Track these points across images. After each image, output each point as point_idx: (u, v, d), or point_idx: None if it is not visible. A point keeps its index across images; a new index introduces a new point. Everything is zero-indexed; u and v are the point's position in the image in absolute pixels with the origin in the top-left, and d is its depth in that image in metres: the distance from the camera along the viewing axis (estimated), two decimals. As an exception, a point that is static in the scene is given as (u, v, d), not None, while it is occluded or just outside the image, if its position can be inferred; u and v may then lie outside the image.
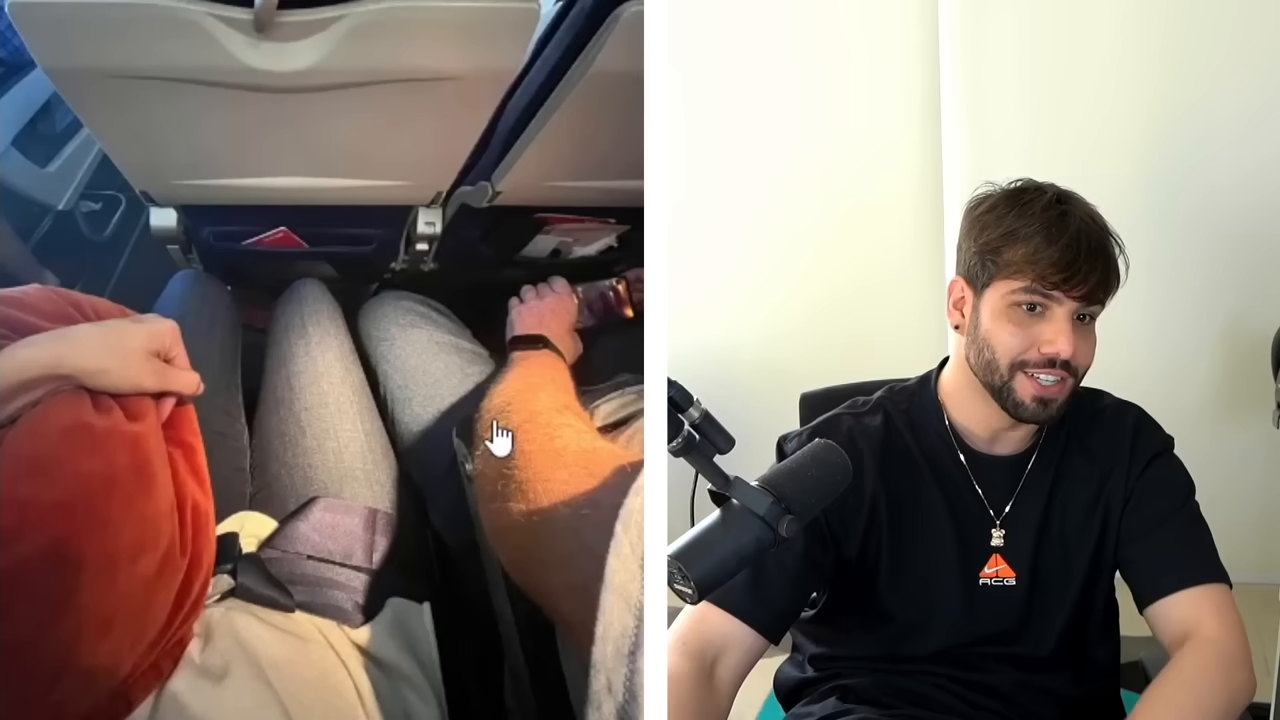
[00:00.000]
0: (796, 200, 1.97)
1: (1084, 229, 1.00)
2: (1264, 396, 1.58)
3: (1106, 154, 1.74)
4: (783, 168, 1.97)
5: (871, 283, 1.95)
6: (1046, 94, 1.76)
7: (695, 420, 0.79)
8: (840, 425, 1.10)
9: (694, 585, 0.76)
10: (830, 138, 1.93)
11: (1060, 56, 1.75)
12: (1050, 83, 1.76)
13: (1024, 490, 1.08)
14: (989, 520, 1.08)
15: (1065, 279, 0.98)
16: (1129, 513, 1.06)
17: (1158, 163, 1.73)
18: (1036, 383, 1.01)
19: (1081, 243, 0.99)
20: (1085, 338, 1.02)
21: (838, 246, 1.97)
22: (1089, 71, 1.73)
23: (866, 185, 1.93)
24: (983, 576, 1.07)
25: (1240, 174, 1.70)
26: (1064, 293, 0.99)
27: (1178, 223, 1.75)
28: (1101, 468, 1.08)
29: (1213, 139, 1.70)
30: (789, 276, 2.01)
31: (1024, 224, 1.01)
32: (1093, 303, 1.01)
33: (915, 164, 1.89)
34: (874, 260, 1.94)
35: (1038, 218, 1.00)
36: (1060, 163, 1.76)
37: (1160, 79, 1.70)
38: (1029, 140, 1.77)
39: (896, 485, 1.08)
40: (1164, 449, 1.10)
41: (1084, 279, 0.98)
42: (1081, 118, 1.75)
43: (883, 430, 1.09)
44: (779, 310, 2.03)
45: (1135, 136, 1.73)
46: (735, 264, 2.05)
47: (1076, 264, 0.98)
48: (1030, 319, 1.01)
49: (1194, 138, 1.70)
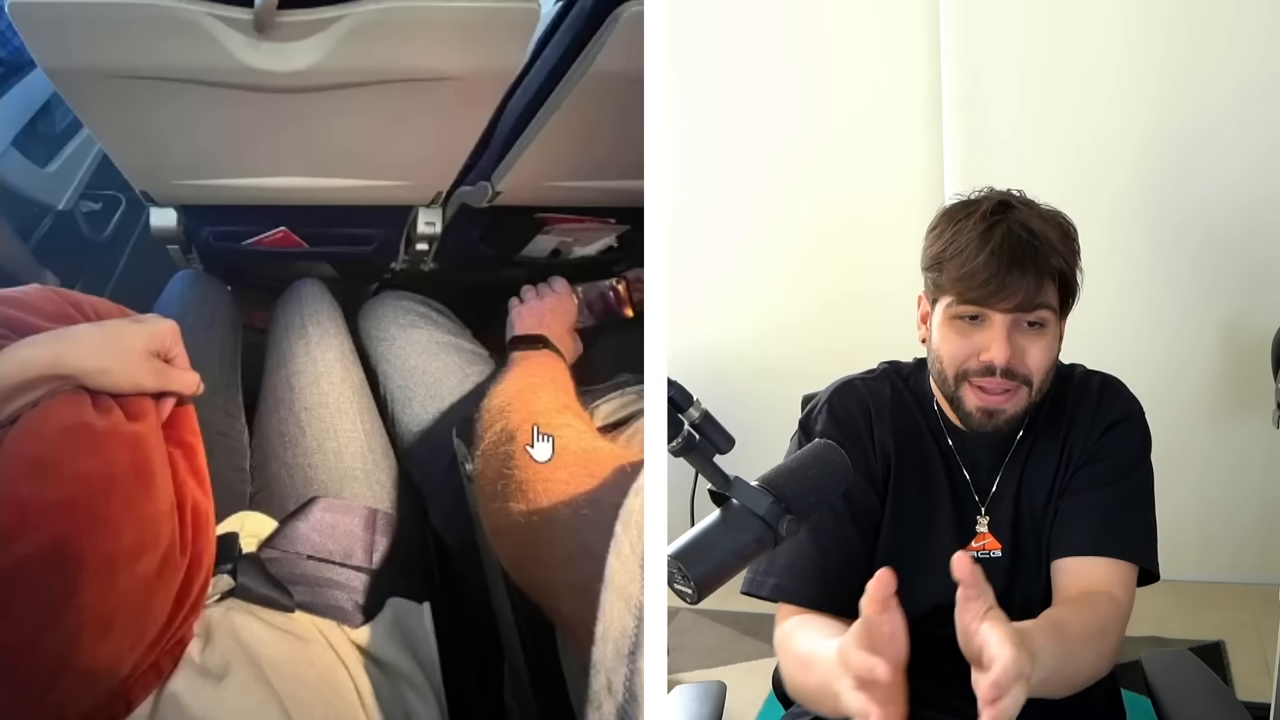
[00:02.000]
0: (796, 201, 1.98)
1: (1010, 241, 1.00)
2: (1264, 396, 1.58)
3: (1106, 155, 1.75)
4: (782, 168, 1.97)
5: (871, 282, 1.95)
6: (1046, 94, 1.76)
7: (695, 420, 0.79)
8: (854, 386, 1.14)
9: (694, 585, 0.76)
10: (830, 139, 1.93)
11: (1059, 59, 1.75)
12: (1050, 82, 1.76)
13: (1006, 467, 1.11)
14: (975, 499, 1.11)
15: (988, 295, 1.00)
16: (1078, 471, 1.08)
17: (1157, 164, 1.73)
18: (980, 393, 1.03)
19: (1004, 256, 0.99)
20: (1034, 343, 1.03)
21: (837, 246, 1.97)
22: (1088, 74, 1.74)
23: (866, 185, 1.93)
24: (971, 549, 1.09)
25: (1239, 174, 1.70)
26: (994, 307, 1.01)
27: (1177, 223, 1.75)
28: (1065, 431, 1.10)
29: (1211, 140, 1.70)
30: (788, 276, 2.02)
31: (954, 242, 1.03)
32: (1028, 311, 1.01)
33: (916, 165, 1.89)
34: (874, 260, 1.94)
35: (966, 234, 1.02)
36: (1060, 163, 1.76)
37: (1159, 81, 1.70)
38: (1029, 142, 1.77)
39: (903, 443, 1.11)
40: (1127, 416, 1.10)
41: (1010, 292, 0.99)
42: (1081, 119, 1.75)
43: (889, 393, 1.14)
44: (778, 310, 2.03)
45: (1135, 137, 1.73)
46: (735, 264, 2.05)
47: (997, 279, 0.99)
48: (971, 328, 1.03)
49: (1193, 139, 1.71)
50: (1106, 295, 1.78)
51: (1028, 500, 1.10)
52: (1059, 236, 1.03)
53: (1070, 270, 1.04)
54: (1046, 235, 1.02)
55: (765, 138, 1.97)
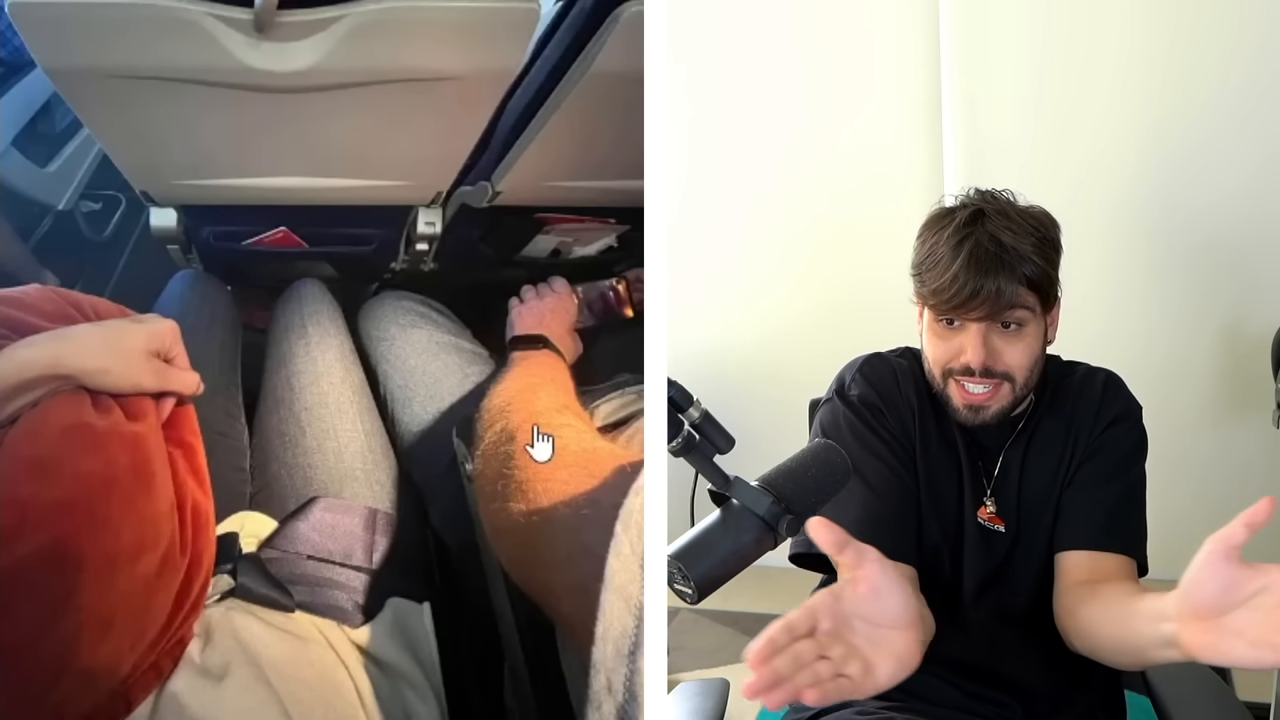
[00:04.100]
0: (796, 201, 1.98)
1: (977, 255, 1.04)
2: (1264, 396, 1.58)
3: (1106, 157, 1.75)
4: (783, 168, 1.97)
5: (871, 283, 1.94)
6: (1046, 96, 1.76)
7: (695, 420, 0.79)
8: (883, 357, 1.19)
9: (694, 585, 0.76)
10: (831, 140, 1.94)
11: (1060, 63, 1.75)
12: (1050, 87, 1.76)
13: (1008, 451, 1.14)
14: (983, 481, 1.14)
15: (957, 306, 1.05)
16: (1083, 464, 1.11)
17: (1157, 165, 1.73)
18: (965, 390, 1.08)
19: (972, 269, 1.03)
20: (1011, 343, 1.07)
21: (836, 246, 1.97)
22: (1088, 77, 1.74)
23: (867, 186, 1.93)
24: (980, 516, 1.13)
25: (1239, 175, 1.70)
26: (962, 317, 1.06)
27: (1176, 224, 1.75)
28: (1069, 423, 1.13)
29: (1212, 141, 1.70)
30: (788, 276, 2.02)
31: (930, 254, 1.08)
32: (1002, 313, 1.05)
33: (917, 168, 1.89)
34: (873, 260, 1.94)
35: (940, 246, 1.07)
36: (1060, 165, 1.76)
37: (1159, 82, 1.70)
38: (1029, 145, 1.77)
39: (925, 415, 1.14)
40: (1129, 413, 1.14)
41: (979, 303, 1.04)
42: (1080, 122, 1.75)
43: (910, 368, 1.17)
44: (778, 310, 2.03)
45: (1135, 139, 1.73)
46: (735, 264, 2.05)
47: (965, 291, 1.03)
48: (950, 332, 1.08)
49: (1193, 139, 1.71)
50: (1107, 295, 1.78)
51: (1030, 484, 1.13)
52: (1032, 244, 1.06)
53: (1045, 273, 1.07)
54: (1017, 245, 1.05)
55: (767, 138, 1.96)
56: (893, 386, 1.15)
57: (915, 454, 1.13)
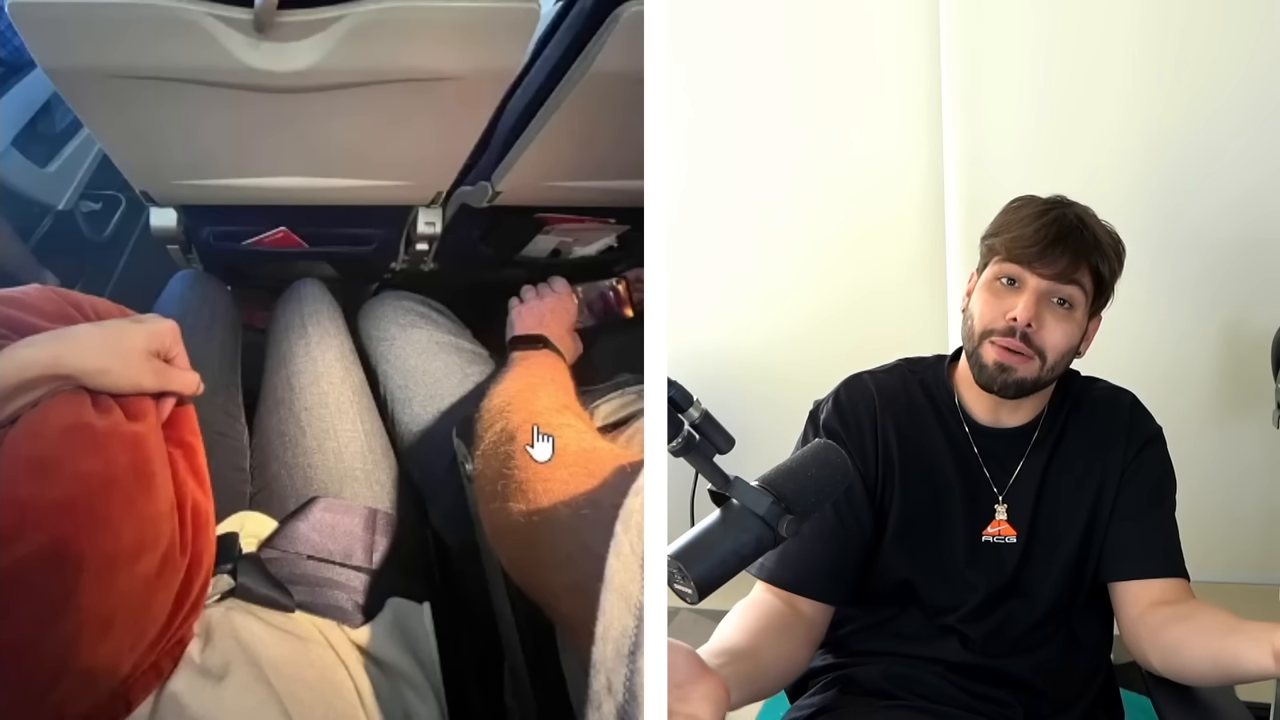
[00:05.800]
0: (797, 201, 1.97)
1: (1063, 220, 1.10)
2: (1264, 396, 1.58)
3: (1106, 159, 1.74)
4: (784, 169, 1.97)
5: (871, 283, 1.95)
6: (1047, 99, 1.76)
7: (695, 420, 0.79)
8: (861, 380, 1.21)
9: (694, 585, 0.76)
10: (833, 142, 1.93)
11: (1061, 65, 1.75)
12: (1051, 90, 1.76)
13: (1027, 459, 1.15)
14: (993, 489, 1.15)
15: (1030, 257, 1.09)
16: (1124, 488, 1.14)
17: (1157, 166, 1.73)
18: (998, 349, 1.10)
19: (1053, 228, 1.09)
20: (1058, 321, 1.10)
21: (837, 248, 1.97)
22: (1090, 79, 1.73)
23: (868, 188, 1.93)
24: (985, 535, 1.14)
25: (1240, 175, 1.70)
26: (1032, 270, 1.09)
27: (1178, 224, 1.75)
28: (1096, 440, 1.15)
29: (1213, 140, 1.70)
30: (789, 277, 2.01)
31: (1013, 216, 1.13)
32: (1064, 283, 1.09)
33: (918, 170, 1.89)
34: (875, 261, 1.94)
35: (1026, 210, 1.13)
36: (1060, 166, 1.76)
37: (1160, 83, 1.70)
38: (1030, 148, 1.77)
39: (909, 434, 1.16)
40: (1157, 435, 1.18)
41: (1049, 260, 1.08)
42: (1081, 124, 1.75)
43: (900, 386, 1.19)
44: (779, 310, 2.03)
45: (1136, 141, 1.73)
46: (736, 264, 2.05)
47: (1043, 244, 1.08)
48: (1006, 292, 1.11)
49: (1194, 140, 1.70)
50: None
51: (1051, 495, 1.14)
52: (1108, 240, 1.12)
53: (1108, 270, 1.12)
54: (1095, 232, 1.11)
55: (767, 138, 1.96)
56: (861, 413, 1.16)
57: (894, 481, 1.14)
